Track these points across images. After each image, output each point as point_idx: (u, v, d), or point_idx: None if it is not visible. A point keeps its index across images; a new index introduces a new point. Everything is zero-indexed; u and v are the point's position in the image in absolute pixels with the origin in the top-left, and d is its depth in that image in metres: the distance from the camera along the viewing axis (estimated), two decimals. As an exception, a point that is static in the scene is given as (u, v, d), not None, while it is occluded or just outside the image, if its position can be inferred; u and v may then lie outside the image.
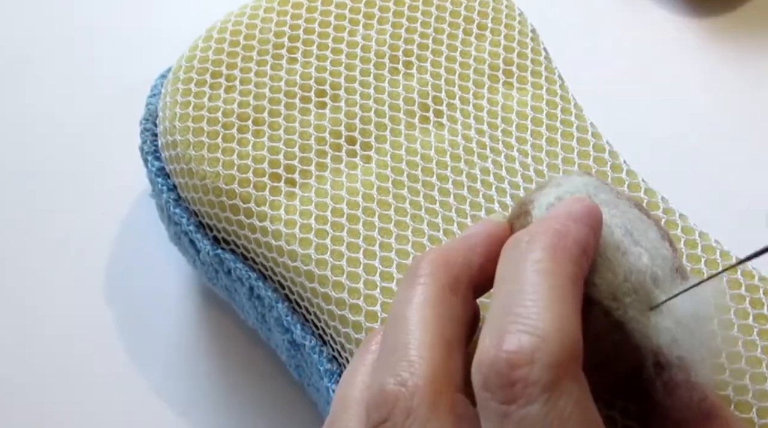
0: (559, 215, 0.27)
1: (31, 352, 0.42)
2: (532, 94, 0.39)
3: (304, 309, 0.36)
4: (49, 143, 0.47)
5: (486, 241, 0.28)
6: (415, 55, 0.40)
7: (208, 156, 0.37)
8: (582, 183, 0.30)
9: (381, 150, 0.37)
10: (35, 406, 0.40)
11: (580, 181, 0.30)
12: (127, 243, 0.44)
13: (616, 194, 0.30)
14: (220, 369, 0.41)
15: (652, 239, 0.28)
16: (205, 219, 0.38)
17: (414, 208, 0.36)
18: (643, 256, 0.27)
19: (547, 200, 0.29)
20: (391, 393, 0.25)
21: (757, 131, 0.49)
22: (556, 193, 0.29)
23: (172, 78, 0.39)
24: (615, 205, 0.29)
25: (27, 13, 0.52)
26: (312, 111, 0.38)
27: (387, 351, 0.26)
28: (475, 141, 0.38)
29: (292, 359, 0.37)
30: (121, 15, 0.52)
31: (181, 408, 0.40)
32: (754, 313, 0.33)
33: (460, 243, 0.29)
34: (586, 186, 0.30)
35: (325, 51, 0.39)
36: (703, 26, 0.53)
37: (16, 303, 0.43)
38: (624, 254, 0.27)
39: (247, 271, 0.37)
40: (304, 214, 0.36)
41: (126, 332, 0.42)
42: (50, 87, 0.49)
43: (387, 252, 0.35)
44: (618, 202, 0.29)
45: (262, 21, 0.40)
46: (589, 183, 0.30)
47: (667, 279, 0.27)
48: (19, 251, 0.44)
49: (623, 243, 0.27)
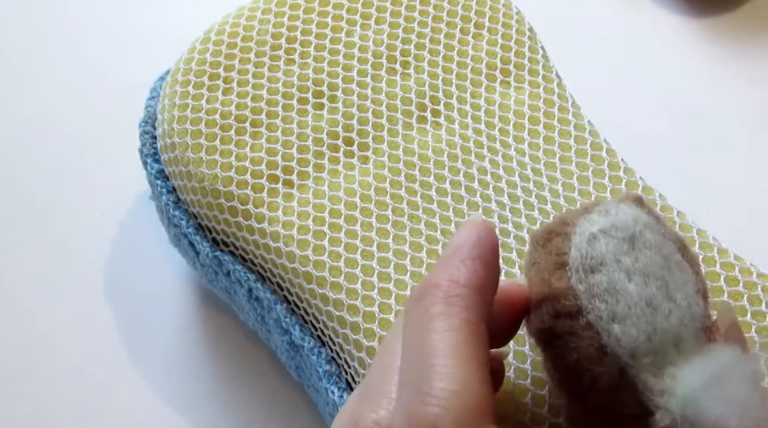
0: (453, 255, 0.27)
1: (31, 352, 0.42)
2: (529, 93, 0.39)
3: (303, 311, 0.36)
4: (49, 144, 0.47)
5: (478, 249, 0.27)
6: (412, 55, 0.40)
7: (206, 158, 0.37)
8: (632, 217, 0.28)
9: (378, 150, 0.37)
10: (34, 406, 0.40)
11: (630, 214, 0.28)
12: (128, 244, 0.45)
13: (664, 233, 0.28)
14: (220, 369, 0.41)
15: (687, 294, 0.27)
16: (204, 221, 0.38)
17: (411, 208, 0.36)
18: (673, 315, 0.26)
19: (590, 229, 0.28)
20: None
21: (756, 131, 0.49)
22: (601, 223, 0.28)
23: (171, 80, 0.39)
24: (659, 247, 0.27)
25: (26, 14, 0.52)
26: (309, 112, 0.38)
27: (412, 380, 0.25)
28: (473, 140, 0.38)
29: (291, 360, 0.37)
30: (121, 17, 0.52)
31: (181, 409, 0.40)
32: (752, 310, 0.33)
33: (454, 257, 0.27)
34: (636, 222, 0.28)
35: (323, 52, 0.39)
36: (703, 26, 0.53)
37: (16, 303, 0.43)
38: (654, 310, 0.26)
39: (246, 273, 0.37)
40: (302, 215, 0.36)
41: (126, 333, 0.42)
42: (50, 89, 0.50)
43: (384, 253, 0.35)
44: (663, 243, 0.28)
45: (259, 22, 0.40)
46: (639, 218, 0.28)
47: (691, 340, 0.26)
48: (19, 252, 0.44)
49: (656, 298, 0.26)
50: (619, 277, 0.26)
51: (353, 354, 0.34)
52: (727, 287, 0.34)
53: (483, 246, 0.27)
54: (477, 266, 0.26)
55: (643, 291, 0.26)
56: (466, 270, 0.26)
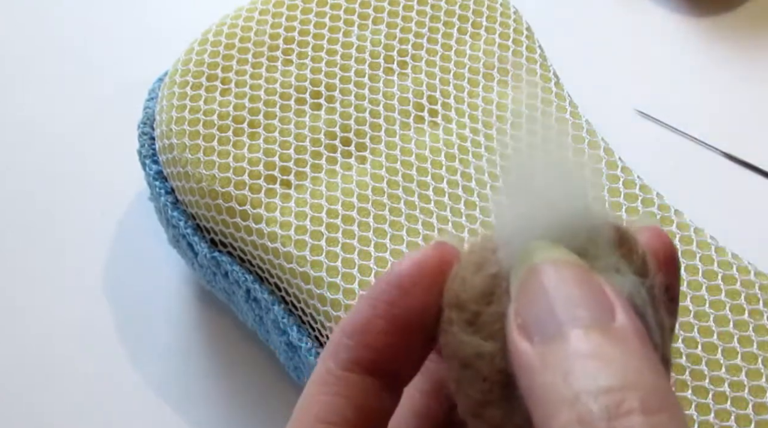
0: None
1: (30, 352, 0.42)
2: (527, 93, 0.39)
3: (301, 311, 0.36)
4: (48, 145, 0.47)
5: (373, 287, 0.23)
6: (410, 55, 0.40)
7: (204, 159, 0.37)
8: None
9: (376, 150, 0.37)
10: (34, 406, 0.40)
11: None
12: (127, 245, 0.45)
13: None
14: (219, 370, 0.41)
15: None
16: (202, 221, 0.38)
17: (409, 208, 0.36)
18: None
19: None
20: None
21: (756, 131, 0.49)
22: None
23: (169, 82, 0.39)
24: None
25: (25, 15, 0.52)
26: (307, 112, 0.38)
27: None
28: (470, 140, 0.38)
29: (290, 360, 0.37)
30: (120, 18, 0.52)
31: (180, 409, 0.40)
32: (749, 309, 0.33)
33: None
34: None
35: (321, 52, 0.39)
36: (703, 26, 0.53)
37: (15, 303, 0.43)
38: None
39: (244, 273, 0.37)
40: (299, 215, 0.36)
41: (125, 333, 0.42)
42: (50, 89, 0.50)
43: (382, 253, 0.35)
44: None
45: (257, 23, 0.40)
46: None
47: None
48: (19, 252, 0.44)
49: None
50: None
51: None
52: (724, 285, 0.34)
53: (382, 282, 0.23)
54: (361, 305, 0.23)
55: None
56: (349, 314, 0.23)
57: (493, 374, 0.21)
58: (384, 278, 0.23)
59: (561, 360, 0.19)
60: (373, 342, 0.22)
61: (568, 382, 0.18)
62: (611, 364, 0.18)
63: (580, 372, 0.18)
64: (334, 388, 0.22)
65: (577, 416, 0.18)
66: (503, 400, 0.21)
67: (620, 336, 0.19)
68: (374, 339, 0.22)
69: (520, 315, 0.20)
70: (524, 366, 0.19)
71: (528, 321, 0.20)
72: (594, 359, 0.19)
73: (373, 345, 0.22)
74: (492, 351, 0.21)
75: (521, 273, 0.20)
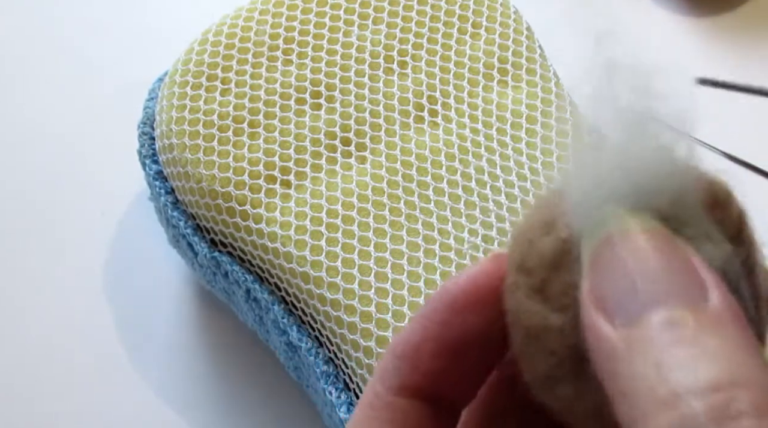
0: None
1: (30, 352, 0.42)
2: (527, 92, 0.39)
3: (301, 311, 0.36)
4: (48, 145, 0.47)
5: (426, 308, 0.22)
6: (410, 54, 0.40)
7: (204, 159, 0.37)
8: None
9: (376, 150, 0.37)
10: (34, 406, 0.41)
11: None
12: (127, 245, 0.45)
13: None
14: (219, 370, 0.41)
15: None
16: (202, 221, 0.38)
17: (409, 208, 0.36)
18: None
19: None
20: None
21: (756, 131, 0.49)
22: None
23: (169, 82, 0.39)
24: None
25: (25, 15, 0.52)
26: (307, 112, 0.38)
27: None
28: (470, 140, 0.38)
29: (290, 360, 0.37)
30: (120, 18, 0.52)
31: (180, 409, 0.40)
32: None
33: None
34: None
35: (320, 52, 0.39)
36: (703, 26, 0.53)
37: (15, 303, 0.43)
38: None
39: (244, 274, 0.37)
40: (299, 215, 0.36)
41: (125, 333, 0.42)
42: (49, 89, 0.50)
43: (382, 253, 0.35)
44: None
45: (257, 23, 0.40)
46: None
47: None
48: (19, 252, 0.44)
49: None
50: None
51: (351, 354, 0.34)
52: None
53: (434, 301, 0.21)
54: (412, 325, 0.21)
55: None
56: (399, 335, 0.22)
57: (563, 349, 0.19)
58: (437, 296, 0.21)
59: (650, 348, 0.17)
60: (424, 366, 0.21)
61: (663, 376, 0.16)
62: (710, 355, 0.16)
63: (675, 365, 0.16)
64: (382, 413, 0.21)
65: (680, 419, 0.16)
66: (574, 377, 0.19)
67: (716, 320, 0.17)
68: (425, 362, 0.21)
69: (596, 291, 0.18)
70: (605, 351, 0.17)
71: (607, 300, 0.18)
72: (688, 348, 0.16)
73: (423, 369, 0.21)
74: (561, 326, 0.19)
75: (595, 244, 0.18)
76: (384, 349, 0.33)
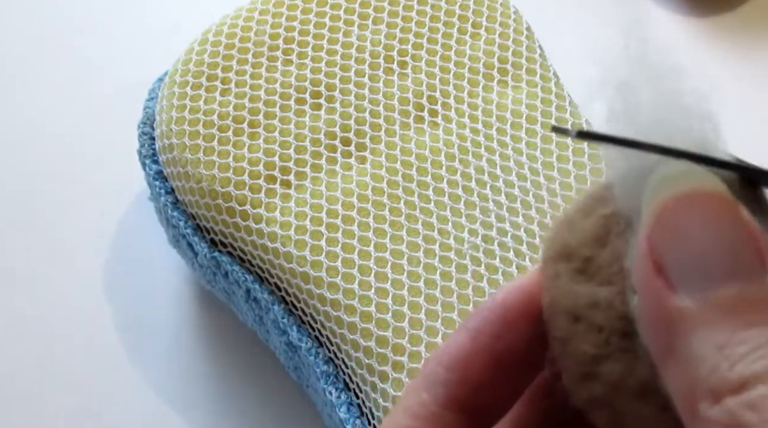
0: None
1: (29, 352, 0.42)
2: (527, 92, 0.39)
3: (301, 311, 0.36)
4: (48, 145, 0.47)
5: (473, 320, 0.21)
6: (410, 54, 0.40)
7: (204, 159, 0.37)
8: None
9: (376, 150, 0.37)
10: (33, 406, 0.40)
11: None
12: (127, 245, 0.44)
13: None
14: (220, 370, 0.41)
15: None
16: (202, 221, 0.38)
17: (409, 208, 0.36)
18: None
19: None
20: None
21: (757, 131, 0.49)
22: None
23: (169, 82, 0.39)
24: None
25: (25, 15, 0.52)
26: (307, 112, 0.38)
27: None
28: (470, 140, 0.38)
29: (290, 360, 0.37)
30: (120, 18, 0.52)
31: (180, 409, 0.40)
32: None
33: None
34: None
35: (320, 52, 0.39)
36: (703, 26, 0.53)
37: (15, 303, 0.43)
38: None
39: (244, 274, 0.37)
40: (299, 215, 0.36)
41: (125, 333, 0.42)
42: (49, 89, 0.50)
43: (382, 253, 0.35)
44: None
45: (257, 23, 0.40)
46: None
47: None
48: (19, 252, 0.44)
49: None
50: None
51: (351, 354, 0.34)
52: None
53: (486, 312, 0.21)
54: (460, 336, 0.21)
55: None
56: (446, 344, 0.21)
57: (612, 321, 0.18)
58: (487, 306, 0.20)
59: (716, 325, 0.15)
60: (472, 378, 0.20)
61: (727, 357, 0.15)
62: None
63: (745, 347, 0.15)
64: (429, 425, 0.20)
65: (748, 403, 0.15)
66: (622, 352, 0.18)
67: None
68: (474, 374, 0.20)
69: (655, 254, 0.16)
70: (664, 321, 0.16)
71: (669, 266, 0.16)
72: (758, 328, 0.15)
73: (472, 381, 0.20)
74: (609, 297, 0.18)
75: (658, 202, 0.17)
76: (384, 349, 0.33)
